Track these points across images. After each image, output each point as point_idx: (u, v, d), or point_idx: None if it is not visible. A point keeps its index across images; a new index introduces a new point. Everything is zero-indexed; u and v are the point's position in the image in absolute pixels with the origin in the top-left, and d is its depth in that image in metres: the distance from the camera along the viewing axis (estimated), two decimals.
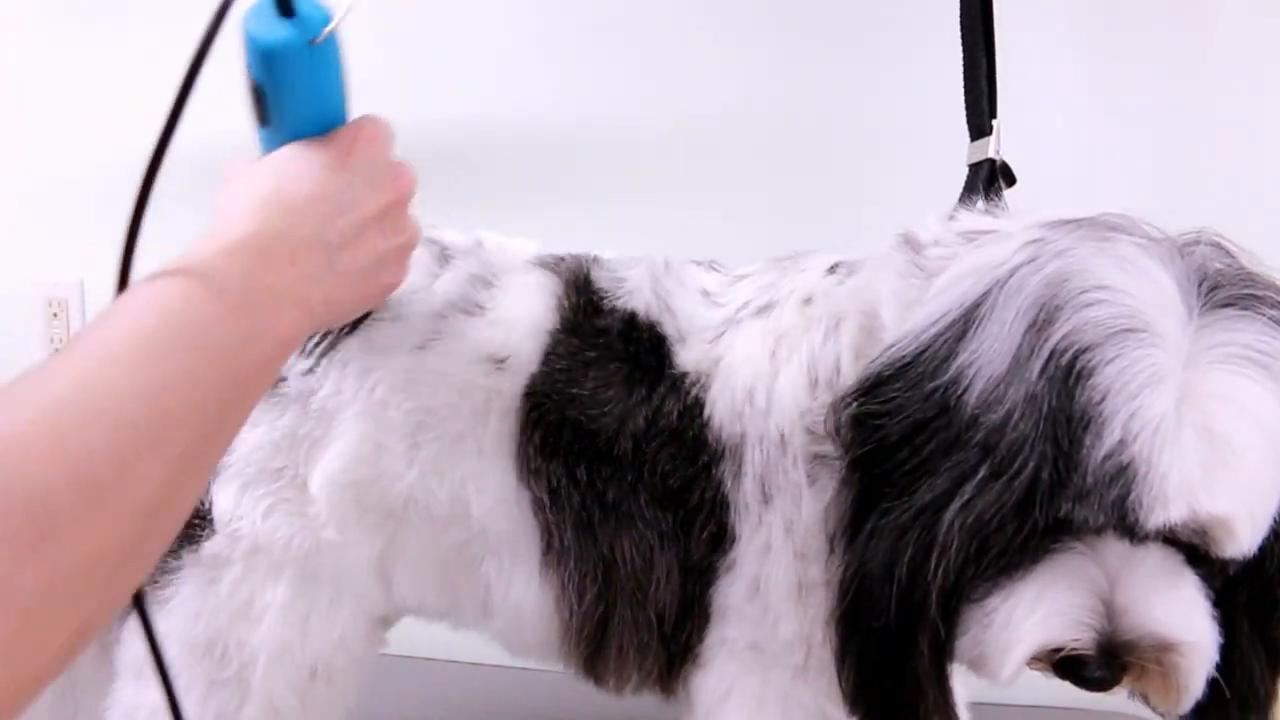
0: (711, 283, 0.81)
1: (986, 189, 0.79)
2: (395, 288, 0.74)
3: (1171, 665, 0.59)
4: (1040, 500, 0.57)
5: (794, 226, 1.24)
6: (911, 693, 0.63)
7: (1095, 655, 0.59)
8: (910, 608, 0.61)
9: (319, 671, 0.80)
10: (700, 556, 0.75)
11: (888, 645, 0.62)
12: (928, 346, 0.63)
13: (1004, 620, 0.60)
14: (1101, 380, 0.56)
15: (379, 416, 0.78)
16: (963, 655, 0.63)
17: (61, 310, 1.51)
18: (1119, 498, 0.55)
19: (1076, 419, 0.56)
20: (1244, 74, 1.18)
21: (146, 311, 0.54)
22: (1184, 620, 0.59)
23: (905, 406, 0.62)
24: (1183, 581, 0.60)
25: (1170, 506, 0.55)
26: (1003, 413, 0.58)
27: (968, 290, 0.63)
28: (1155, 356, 0.56)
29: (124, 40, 1.46)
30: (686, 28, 1.31)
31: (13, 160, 1.52)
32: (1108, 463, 0.55)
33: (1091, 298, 0.58)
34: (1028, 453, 0.57)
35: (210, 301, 0.56)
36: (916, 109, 1.17)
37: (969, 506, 0.58)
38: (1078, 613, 0.59)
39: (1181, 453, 0.55)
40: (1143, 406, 0.55)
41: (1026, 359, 0.58)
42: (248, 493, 0.78)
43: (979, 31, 0.83)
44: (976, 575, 0.60)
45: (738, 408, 0.75)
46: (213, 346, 0.55)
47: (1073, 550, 0.59)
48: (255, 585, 0.78)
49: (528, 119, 1.35)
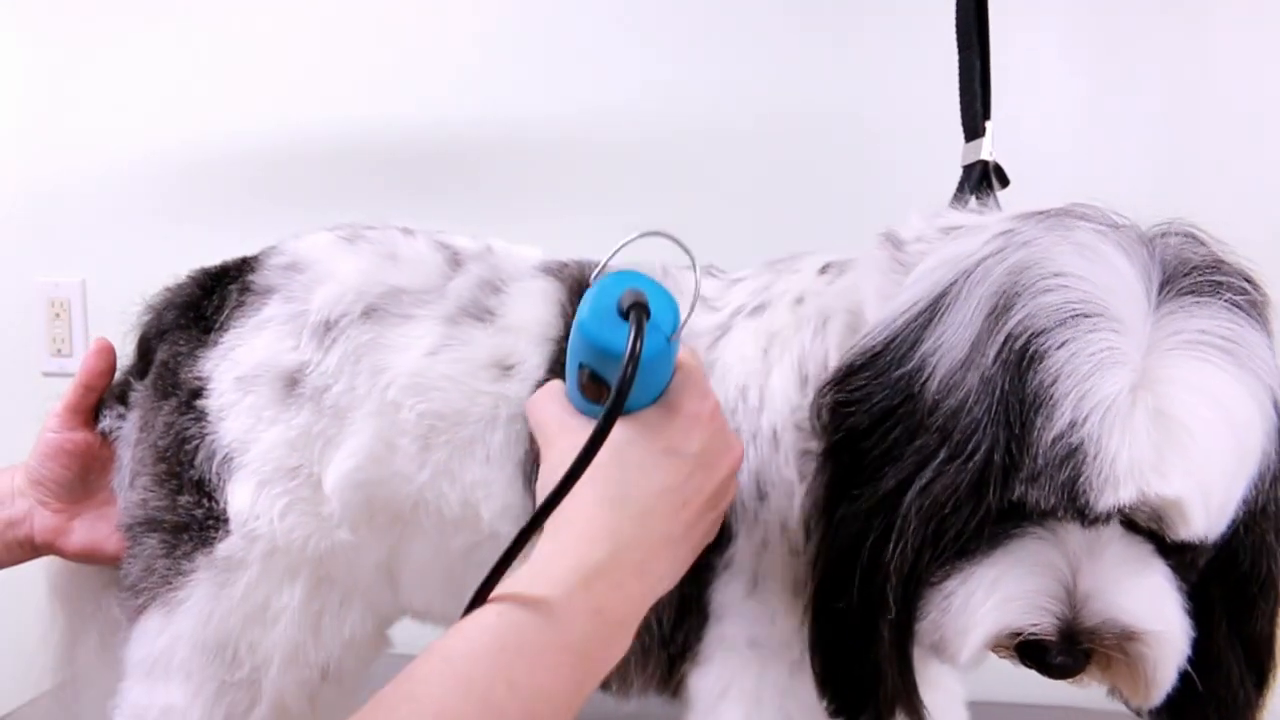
0: (709, 288, 0.83)
1: (978, 189, 0.80)
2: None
3: (1137, 655, 0.59)
4: (994, 483, 0.57)
5: (791, 228, 1.25)
6: (873, 676, 0.64)
7: (1056, 641, 0.59)
8: (872, 591, 0.61)
9: (330, 672, 0.81)
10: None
11: (851, 629, 0.63)
12: (896, 336, 0.63)
13: (961, 604, 0.60)
14: (1053, 363, 0.56)
15: (391, 417, 0.79)
16: (924, 639, 0.63)
17: (63, 311, 1.51)
18: (1069, 479, 0.55)
19: (1028, 402, 0.56)
20: (1241, 74, 1.18)
21: (492, 653, 0.56)
22: (1150, 609, 0.59)
23: (873, 394, 0.63)
24: (1150, 570, 0.60)
25: (1120, 488, 0.55)
26: (959, 397, 0.59)
27: (937, 281, 0.63)
28: (1109, 340, 0.56)
29: (126, 41, 1.46)
30: (686, 31, 1.31)
31: (14, 160, 1.52)
32: (1058, 445, 0.55)
33: (1048, 284, 0.58)
34: (981, 436, 0.57)
35: (559, 653, 0.57)
36: (913, 110, 1.17)
37: (926, 490, 0.59)
38: (1037, 598, 0.59)
39: (1132, 434, 0.54)
40: (1093, 389, 0.55)
41: (984, 345, 0.58)
42: (264, 491, 0.78)
43: (974, 33, 0.84)
44: (934, 559, 0.60)
45: (731, 405, 0.76)
46: (559, 696, 0.57)
47: (1033, 535, 0.59)
48: (271, 587, 0.79)
49: (526, 120, 1.35)
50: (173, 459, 0.80)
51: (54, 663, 0.94)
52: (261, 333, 0.80)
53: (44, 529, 0.88)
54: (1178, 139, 1.20)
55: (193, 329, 0.83)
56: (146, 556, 0.80)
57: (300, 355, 0.79)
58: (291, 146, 1.41)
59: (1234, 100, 1.18)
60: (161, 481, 0.80)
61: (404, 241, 0.84)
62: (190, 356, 0.81)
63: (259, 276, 0.83)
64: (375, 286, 0.81)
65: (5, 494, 0.89)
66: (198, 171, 1.44)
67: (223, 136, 1.43)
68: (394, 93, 1.38)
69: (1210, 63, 1.19)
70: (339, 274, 0.82)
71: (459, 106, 1.37)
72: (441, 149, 1.37)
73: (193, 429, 0.80)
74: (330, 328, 0.80)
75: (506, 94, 1.35)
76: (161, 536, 0.79)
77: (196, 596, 0.78)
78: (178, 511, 0.79)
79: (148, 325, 0.86)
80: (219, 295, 0.84)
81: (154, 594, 0.79)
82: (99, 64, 1.47)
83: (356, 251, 0.83)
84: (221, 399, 0.79)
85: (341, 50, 1.40)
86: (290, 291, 0.81)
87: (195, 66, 1.43)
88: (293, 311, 0.81)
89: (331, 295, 0.80)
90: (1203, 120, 1.19)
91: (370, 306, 0.80)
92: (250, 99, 1.42)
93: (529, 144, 1.35)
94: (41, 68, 1.50)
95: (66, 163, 1.49)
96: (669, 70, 1.31)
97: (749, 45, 1.29)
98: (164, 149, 1.45)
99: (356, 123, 1.39)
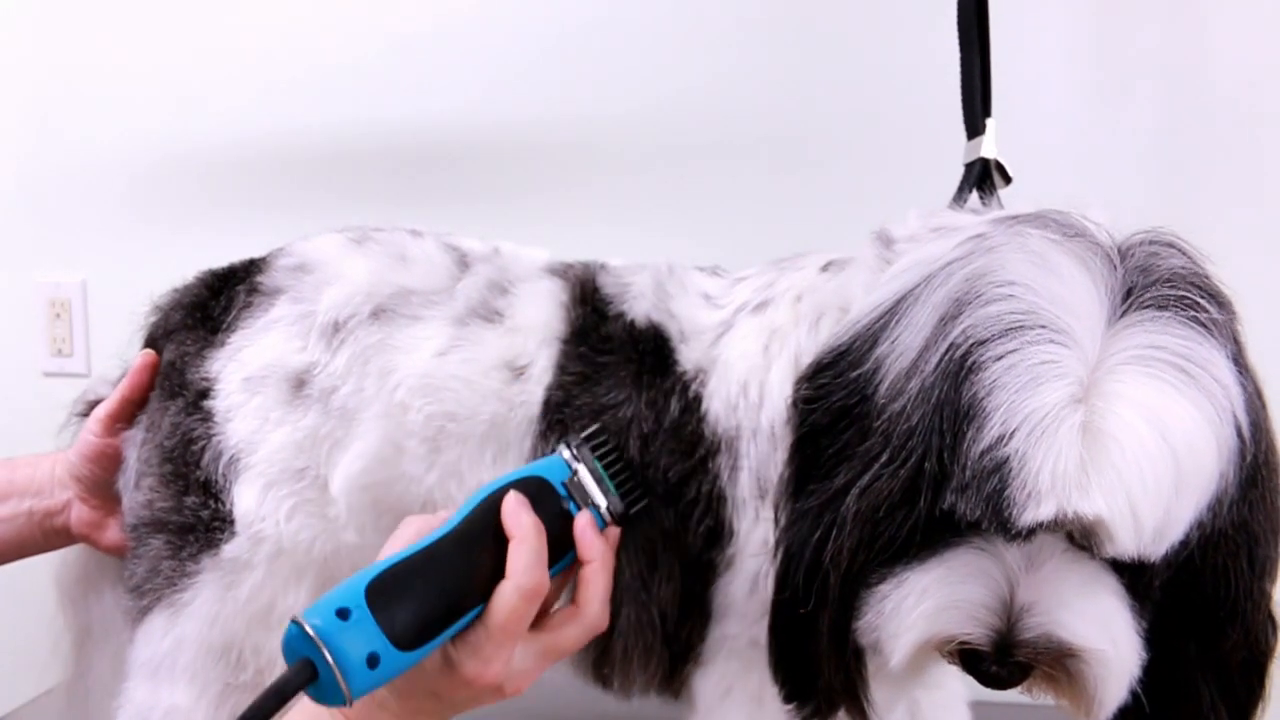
0: (713, 286, 0.83)
1: (979, 187, 0.80)
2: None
3: (1077, 672, 0.58)
4: (925, 491, 0.57)
5: (795, 227, 1.25)
6: (815, 670, 0.64)
7: (990, 651, 0.58)
8: (813, 588, 0.61)
9: None
10: (698, 552, 0.76)
11: (796, 621, 0.63)
12: (858, 336, 0.63)
13: (894, 608, 0.59)
14: (989, 375, 0.55)
15: (400, 419, 0.78)
16: (863, 638, 0.63)
17: (64, 311, 1.51)
18: (994, 492, 0.54)
19: (962, 412, 0.56)
20: (1241, 74, 1.18)
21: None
22: (1091, 627, 0.57)
23: (833, 393, 0.63)
24: (1096, 587, 0.58)
25: (1041, 505, 0.53)
26: (902, 403, 0.58)
27: (904, 283, 0.63)
28: (1050, 353, 0.55)
29: (127, 41, 1.45)
30: (687, 30, 1.31)
31: (15, 160, 1.52)
32: (985, 457, 0.55)
33: (997, 293, 0.57)
34: (916, 443, 0.57)
35: None
36: (919, 108, 1.17)
37: (865, 493, 0.59)
38: (969, 607, 0.58)
39: (1057, 450, 0.53)
40: (1024, 403, 0.54)
41: (929, 352, 0.58)
42: (270, 493, 0.78)
43: (974, 31, 0.84)
44: (870, 561, 0.60)
45: (733, 401, 0.76)
46: None
47: (971, 545, 0.58)
48: (277, 589, 0.78)
49: (527, 120, 1.35)
50: (179, 460, 0.80)
51: (61, 663, 0.94)
52: (269, 333, 0.80)
53: (80, 521, 0.90)
54: (1178, 138, 1.20)
55: (200, 329, 0.83)
56: (151, 558, 0.80)
57: (308, 356, 0.79)
58: (294, 148, 1.41)
59: (1234, 100, 1.18)
60: (167, 482, 0.80)
61: (413, 243, 0.85)
62: (197, 357, 0.81)
63: (267, 277, 0.83)
64: (384, 287, 0.81)
65: (45, 484, 0.91)
66: (199, 172, 1.44)
67: (225, 136, 1.42)
68: (397, 94, 1.38)
69: (1210, 62, 1.19)
70: (348, 275, 0.82)
71: (461, 108, 1.36)
72: (446, 151, 1.37)
73: (199, 429, 0.80)
74: (339, 329, 0.80)
75: (510, 96, 1.35)
76: (167, 538, 0.79)
77: (202, 598, 0.78)
78: (184, 512, 0.79)
79: (155, 326, 0.87)
80: (226, 296, 0.84)
81: (159, 595, 0.79)
82: (100, 64, 1.46)
83: (365, 253, 0.84)
84: (229, 400, 0.79)
85: (348, 50, 1.39)
86: (298, 292, 0.82)
87: (197, 66, 1.43)
88: (301, 312, 0.81)
89: (340, 296, 0.80)
90: (1203, 119, 1.19)
91: (379, 307, 0.80)
92: (253, 99, 1.41)
93: (536, 146, 1.35)
94: (42, 67, 1.49)
95: (67, 163, 1.48)
96: (673, 71, 1.31)
97: (752, 46, 1.29)
98: (165, 149, 1.44)
99: (360, 124, 1.39)
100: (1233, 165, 1.18)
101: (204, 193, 1.44)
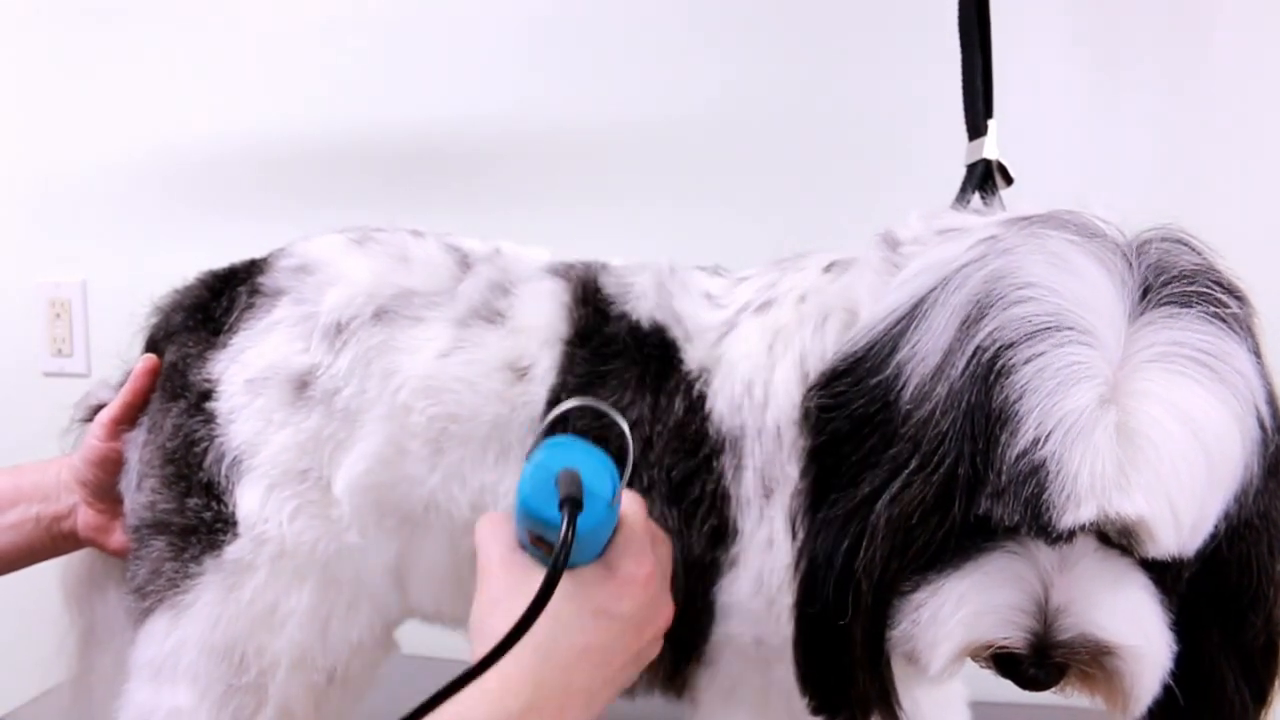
0: (715, 286, 0.83)
1: (982, 188, 0.80)
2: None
3: (1114, 669, 0.58)
4: (959, 497, 0.57)
5: (795, 227, 1.25)
6: (848, 680, 0.64)
7: (1028, 654, 0.58)
8: (845, 597, 0.61)
9: (336, 676, 0.81)
10: (701, 551, 0.76)
11: (827, 632, 0.63)
12: (875, 342, 0.63)
13: (931, 615, 0.59)
14: (1020, 378, 0.55)
15: (402, 420, 0.78)
16: (897, 647, 0.63)
17: (64, 311, 1.51)
18: (1032, 496, 0.54)
19: (994, 416, 0.56)
20: (1242, 73, 1.18)
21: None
22: (1126, 624, 0.58)
23: (853, 400, 0.62)
24: (1128, 584, 0.58)
25: (1081, 507, 0.53)
26: (929, 408, 0.58)
27: (919, 286, 0.63)
28: (1078, 354, 0.55)
29: (126, 42, 1.45)
30: (687, 30, 1.31)
31: (15, 161, 1.52)
32: (1021, 461, 0.54)
33: (1020, 295, 0.57)
34: (947, 449, 0.57)
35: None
36: (919, 109, 1.17)
37: (896, 500, 0.59)
38: (1006, 611, 0.58)
39: (1094, 452, 0.53)
40: (1057, 405, 0.54)
41: (955, 355, 0.58)
42: (273, 494, 0.78)
43: (975, 32, 0.84)
44: (903, 568, 0.60)
45: (737, 400, 0.76)
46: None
47: (1004, 549, 0.58)
48: (279, 591, 0.78)
49: (528, 121, 1.36)
50: (181, 461, 0.80)
51: (64, 661, 0.94)
52: (271, 335, 0.80)
53: (87, 525, 0.90)
54: (1179, 137, 1.20)
55: (201, 331, 0.83)
56: (154, 559, 0.80)
57: (311, 358, 0.79)
58: (295, 147, 1.41)
59: (1234, 100, 1.18)
60: (170, 484, 0.80)
61: (414, 244, 0.84)
62: (199, 359, 0.81)
63: (268, 278, 0.83)
64: (386, 288, 0.81)
65: (52, 489, 0.91)
66: (199, 171, 1.44)
67: (225, 136, 1.43)
68: (399, 95, 1.38)
69: (1211, 62, 1.19)
70: (350, 276, 0.82)
71: (461, 109, 1.37)
72: (447, 151, 1.37)
73: (202, 431, 0.79)
74: (341, 330, 0.80)
75: (510, 97, 1.35)
76: (169, 539, 0.79)
77: (204, 600, 0.78)
78: (186, 514, 0.79)
79: (156, 327, 0.87)
80: (228, 297, 0.84)
81: (161, 596, 0.79)
82: (100, 64, 1.47)
83: (367, 253, 0.83)
84: (231, 401, 0.79)
85: (348, 49, 1.39)
86: (300, 294, 0.81)
87: (198, 66, 1.43)
88: (303, 314, 0.81)
89: (343, 297, 0.80)
90: (1204, 119, 1.19)
91: (381, 308, 0.80)
92: (254, 99, 1.42)
93: (536, 146, 1.35)
94: (43, 67, 1.49)
95: (67, 162, 1.49)
96: (674, 72, 1.31)
97: (752, 47, 1.29)
98: (165, 149, 1.44)
99: (361, 125, 1.39)
100: (1233, 165, 1.19)
101: (204, 193, 1.44)
